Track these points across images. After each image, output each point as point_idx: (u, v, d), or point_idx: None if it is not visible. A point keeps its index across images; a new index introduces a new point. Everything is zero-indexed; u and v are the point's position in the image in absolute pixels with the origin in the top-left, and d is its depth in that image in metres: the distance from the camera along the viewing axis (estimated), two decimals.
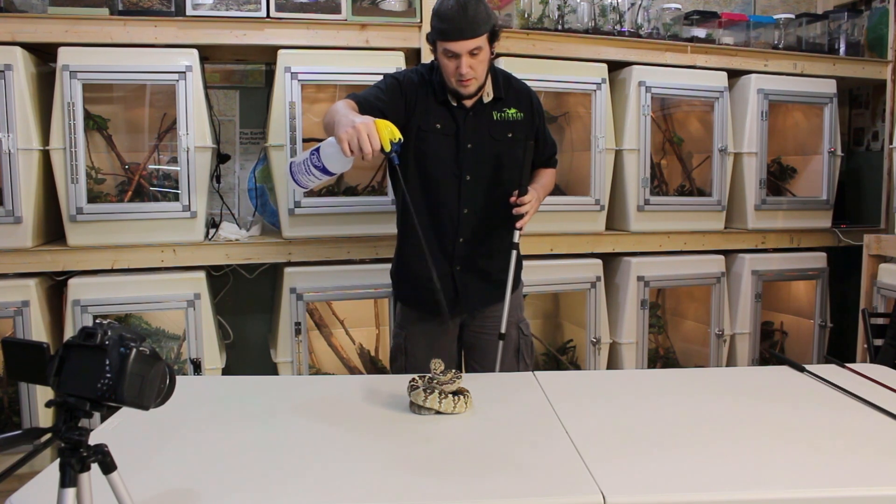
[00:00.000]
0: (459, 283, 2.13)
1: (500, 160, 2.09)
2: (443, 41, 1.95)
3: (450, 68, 1.97)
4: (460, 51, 1.93)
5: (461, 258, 2.12)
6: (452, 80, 1.99)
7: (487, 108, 2.08)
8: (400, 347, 2.25)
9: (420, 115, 2.05)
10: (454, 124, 2.06)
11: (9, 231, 2.50)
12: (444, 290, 1.97)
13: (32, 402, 2.51)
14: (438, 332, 2.20)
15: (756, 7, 3.83)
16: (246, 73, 3.17)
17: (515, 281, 2.19)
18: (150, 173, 2.82)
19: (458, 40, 1.92)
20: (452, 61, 1.96)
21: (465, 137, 2.06)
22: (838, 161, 3.41)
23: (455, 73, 1.96)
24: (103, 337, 0.87)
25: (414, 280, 2.16)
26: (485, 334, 2.23)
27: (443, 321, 2.13)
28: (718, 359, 3.22)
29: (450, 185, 2.08)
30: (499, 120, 2.09)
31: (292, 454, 1.31)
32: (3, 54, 2.44)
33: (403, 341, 2.24)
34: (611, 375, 1.96)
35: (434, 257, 1.97)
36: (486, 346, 2.22)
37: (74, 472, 0.87)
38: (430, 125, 2.05)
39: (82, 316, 2.54)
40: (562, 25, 3.05)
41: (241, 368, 3.14)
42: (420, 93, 2.06)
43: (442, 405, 1.47)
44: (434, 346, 2.20)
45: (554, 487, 1.17)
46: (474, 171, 2.08)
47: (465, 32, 1.91)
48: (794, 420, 1.49)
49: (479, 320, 2.23)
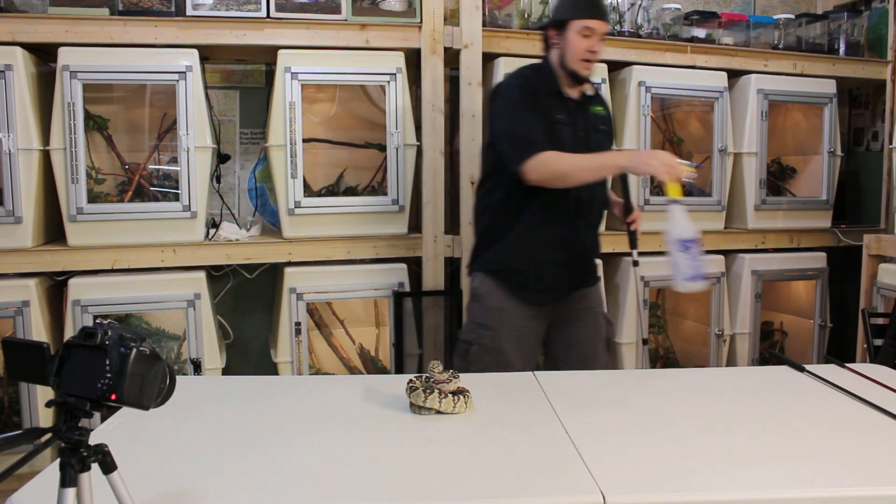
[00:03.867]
0: (578, 266, 2.26)
1: (601, 149, 2.22)
2: (586, 18, 2.10)
3: (581, 46, 2.11)
4: (598, 30, 2.12)
5: (581, 242, 2.25)
6: (577, 59, 2.12)
7: (587, 102, 2.24)
8: (487, 347, 2.21)
9: (543, 108, 2.16)
10: (570, 115, 2.19)
11: (9, 231, 2.50)
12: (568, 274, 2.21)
13: (32, 402, 2.51)
14: (528, 331, 2.23)
15: (756, 7, 3.83)
16: (246, 73, 3.17)
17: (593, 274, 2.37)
18: (150, 173, 2.82)
19: (601, 19, 2.12)
20: (587, 40, 2.11)
21: (578, 126, 2.19)
22: (838, 161, 3.41)
23: (585, 51, 2.11)
24: (103, 337, 0.87)
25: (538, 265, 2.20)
26: (579, 328, 2.29)
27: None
28: (718, 359, 3.22)
29: None
30: (593, 113, 2.26)
31: (292, 454, 1.31)
32: (3, 54, 2.44)
33: (490, 341, 2.21)
34: (611, 375, 1.96)
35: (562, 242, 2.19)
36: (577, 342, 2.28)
37: (74, 472, 0.87)
38: (554, 117, 2.17)
39: (82, 316, 2.55)
40: None
41: (241, 368, 3.14)
42: (539, 89, 2.17)
43: (442, 405, 1.47)
44: (524, 344, 2.23)
45: (554, 487, 1.17)
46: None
47: (606, 15, 2.16)
48: (794, 420, 1.49)
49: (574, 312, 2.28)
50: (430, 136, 2.85)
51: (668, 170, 1.96)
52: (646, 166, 2.00)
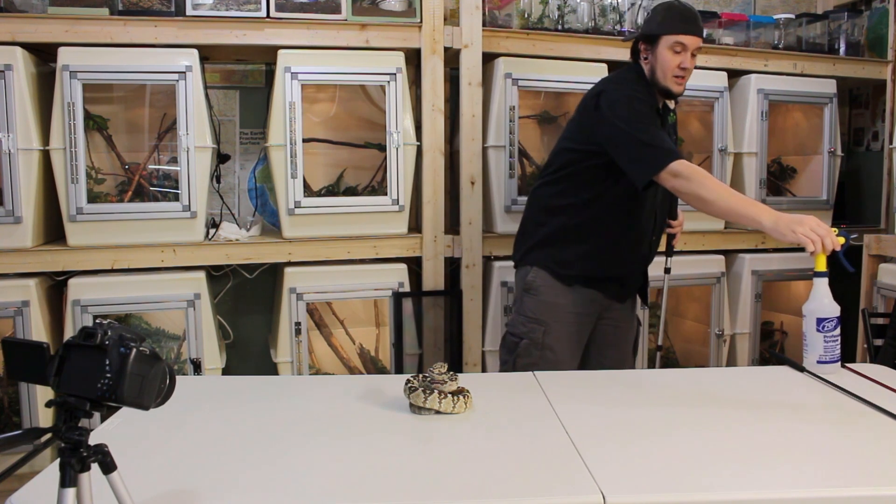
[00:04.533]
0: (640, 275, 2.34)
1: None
2: (678, 34, 2.07)
3: (673, 62, 2.08)
4: (691, 46, 2.08)
5: (648, 255, 2.31)
6: (669, 75, 2.09)
7: (667, 112, 2.23)
8: (537, 343, 2.21)
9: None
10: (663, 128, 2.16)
11: (9, 231, 2.50)
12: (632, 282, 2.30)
13: (32, 402, 2.51)
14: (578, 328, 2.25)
15: (756, 7, 3.82)
16: (246, 73, 3.17)
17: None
18: (150, 173, 2.82)
19: (694, 35, 2.07)
20: (678, 56, 2.08)
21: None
22: (838, 161, 3.41)
23: (676, 68, 2.08)
24: (103, 337, 0.87)
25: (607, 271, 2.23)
26: (618, 327, 2.33)
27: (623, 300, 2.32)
28: (718, 359, 3.22)
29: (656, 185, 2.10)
30: (672, 122, 2.27)
31: (292, 454, 1.31)
32: (3, 54, 2.44)
33: (542, 336, 2.21)
34: (611, 375, 1.96)
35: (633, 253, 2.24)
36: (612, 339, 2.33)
37: (74, 472, 0.86)
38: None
39: (82, 316, 2.54)
40: (562, 25, 3.05)
41: (241, 368, 3.14)
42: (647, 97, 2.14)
43: (442, 405, 1.47)
44: (573, 342, 2.24)
45: (554, 487, 1.17)
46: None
47: (699, 30, 2.09)
48: (794, 420, 1.49)
49: (618, 311, 2.32)
50: (430, 136, 2.85)
51: (819, 240, 1.72)
52: (792, 235, 1.75)
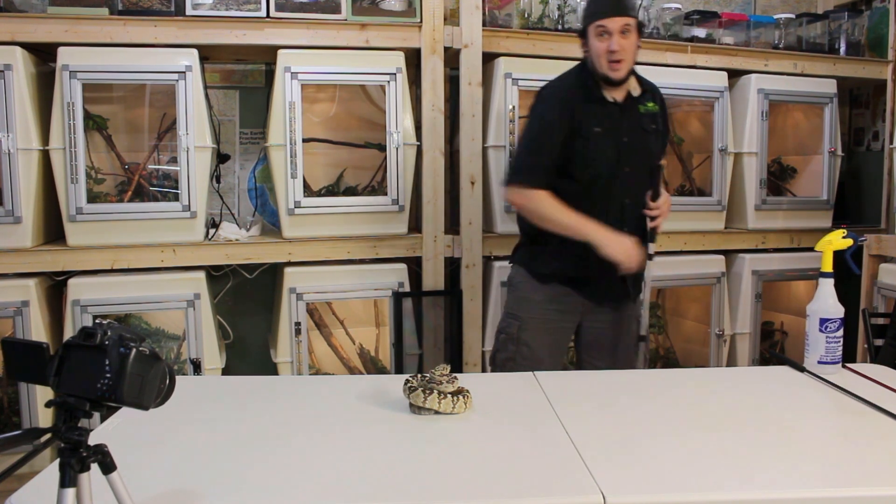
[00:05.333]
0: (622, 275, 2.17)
1: (651, 150, 2.20)
2: (598, 19, 2.07)
3: (601, 48, 2.07)
4: (613, 28, 2.05)
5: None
6: (603, 62, 2.08)
7: (635, 102, 2.19)
8: (512, 337, 2.22)
9: (581, 120, 2.13)
10: (611, 121, 2.14)
11: (9, 231, 2.50)
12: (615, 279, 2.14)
13: (32, 402, 2.51)
14: (556, 326, 2.23)
15: (756, 7, 3.83)
16: (246, 73, 3.17)
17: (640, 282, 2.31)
18: (149, 173, 2.82)
19: (611, 16, 2.06)
20: (604, 41, 2.07)
21: (623, 132, 2.15)
22: (838, 161, 3.41)
23: (606, 52, 2.06)
24: (103, 337, 0.87)
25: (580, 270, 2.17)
26: (607, 329, 2.27)
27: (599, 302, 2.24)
28: (718, 359, 3.22)
29: (613, 178, 2.14)
30: (644, 113, 2.20)
31: (292, 454, 1.31)
32: (3, 54, 2.44)
33: (517, 331, 2.22)
34: (611, 375, 1.96)
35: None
36: (606, 343, 2.28)
37: (74, 472, 0.86)
38: (590, 130, 2.13)
39: (82, 316, 2.54)
40: (562, 25, 3.05)
41: (241, 368, 3.14)
42: (577, 98, 2.15)
43: (441, 405, 1.47)
44: (551, 339, 2.22)
45: (554, 487, 1.17)
46: (632, 162, 2.16)
47: (618, 10, 2.07)
48: (795, 420, 1.48)
49: (600, 319, 2.26)
50: (430, 136, 2.85)
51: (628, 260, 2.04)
52: (608, 251, 2.04)
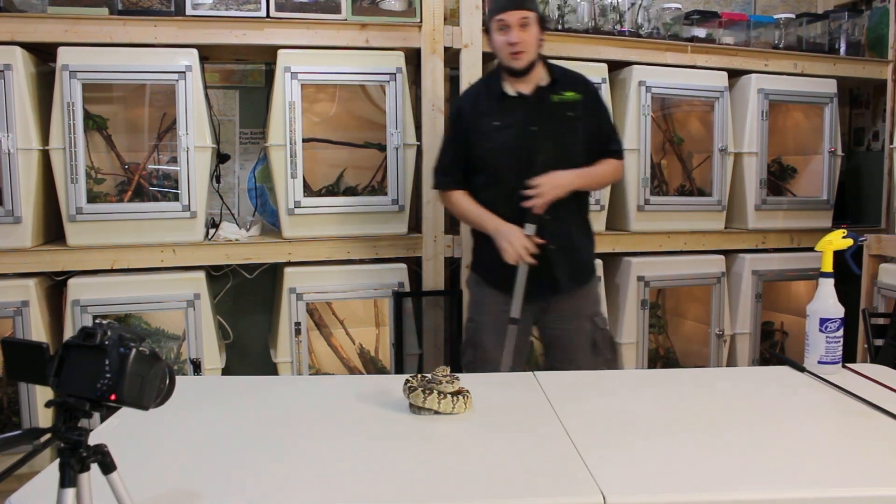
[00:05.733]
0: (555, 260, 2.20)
1: (565, 138, 2.22)
2: (496, 14, 2.15)
3: (501, 41, 2.15)
4: (511, 21, 2.12)
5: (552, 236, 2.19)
6: (504, 54, 2.16)
7: (545, 91, 2.22)
8: (470, 341, 2.26)
9: (477, 121, 2.22)
10: (514, 114, 2.20)
11: (8, 231, 2.50)
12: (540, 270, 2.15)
13: (32, 402, 2.51)
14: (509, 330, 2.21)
15: (756, 7, 3.82)
16: (246, 73, 3.17)
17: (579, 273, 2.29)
18: (149, 173, 2.82)
19: (509, 10, 2.13)
20: (505, 34, 2.14)
21: (529, 122, 2.18)
22: (839, 161, 3.41)
23: (506, 45, 2.14)
24: (103, 337, 0.87)
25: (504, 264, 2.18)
26: (560, 329, 2.27)
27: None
28: (718, 359, 3.22)
29: (522, 168, 2.16)
30: (559, 102, 2.23)
31: (292, 454, 1.31)
32: (3, 54, 2.44)
33: (472, 334, 2.25)
34: (611, 375, 1.96)
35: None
36: (561, 343, 2.28)
37: (74, 472, 0.86)
38: (488, 126, 2.20)
39: (82, 316, 2.54)
40: (562, 25, 3.05)
41: (241, 368, 3.14)
42: (475, 103, 2.26)
43: (441, 405, 1.47)
44: (501, 343, 2.20)
45: (554, 488, 1.17)
46: (543, 150, 2.18)
47: (515, 4, 2.15)
48: (794, 420, 1.48)
49: (556, 313, 2.26)
50: (430, 136, 2.85)
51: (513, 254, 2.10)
52: (497, 241, 2.13)
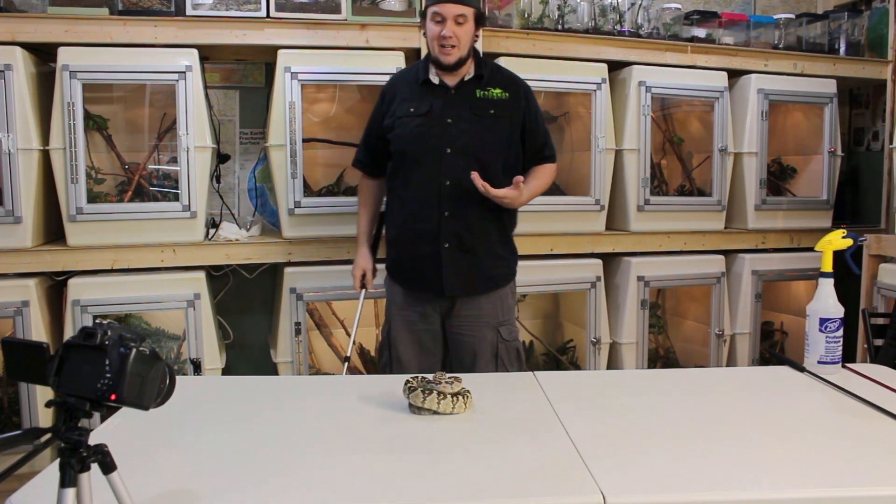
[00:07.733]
0: (446, 260, 2.16)
1: (482, 135, 2.18)
2: (433, 4, 2.12)
3: (434, 32, 2.13)
4: (446, 14, 2.10)
5: (448, 234, 2.16)
6: (435, 46, 2.14)
7: (470, 85, 2.20)
8: (384, 342, 2.28)
9: (396, 106, 2.21)
10: (431, 103, 2.16)
11: (9, 231, 2.50)
12: (432, 268, 2.13)
13: (32, 402, 2.51)
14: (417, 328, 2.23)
15: (756, 7, 3.83)
16: (246, 73, 3.17)
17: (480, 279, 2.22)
18: (149, 173, 2.82)
19: (446, 3, 2.10)
20: (438, 26, 2.11)
21: (445, 113, 2.16)
22: (838, 161, 3.41)
23: (437, 37, 2.11)
24: (103, 337, 0.87)
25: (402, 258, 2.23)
26: (462, 335, 2.23)
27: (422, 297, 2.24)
28: (718, 359, 3.22)
29: (431, 159, 2.16)
30: (482, 97, 2.20)
31: (292, 454, 1.31)
32: (3, 54, 2.44)
33: (387, 335, 2.27)
34: (611, 375, 1.96)
35: (422, 233, 2.14)
36: (463, 349, 2.23)
37: (74, 472, 0.86)
38: (403, 111, 2.19)
39: (82, 316, 2.54)
40: (562, 25, 3.05)
41: (241, 368, 3.14)
42: (398, 87, 2.25)
43: (441, 405, 1.47)
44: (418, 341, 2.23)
45: (554, 487, 1.17)
46: (455, 144, 2.15)
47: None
48: (794, 420, 1.49)
49: (459, 318, 2.23)
50: None
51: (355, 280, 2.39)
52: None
